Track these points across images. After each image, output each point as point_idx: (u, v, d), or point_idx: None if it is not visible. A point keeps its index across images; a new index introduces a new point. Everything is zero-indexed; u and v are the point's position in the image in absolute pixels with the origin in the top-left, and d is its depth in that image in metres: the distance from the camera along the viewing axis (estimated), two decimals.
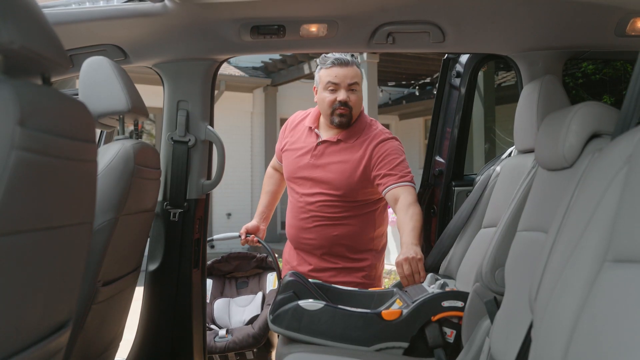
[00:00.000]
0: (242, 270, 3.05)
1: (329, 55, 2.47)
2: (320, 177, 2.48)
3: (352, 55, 2.48)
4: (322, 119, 2.57)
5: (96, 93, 1.81)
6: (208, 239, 2.89)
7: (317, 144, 2.52)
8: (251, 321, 2.73)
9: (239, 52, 2.31)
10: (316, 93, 2.55)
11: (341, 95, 2.43)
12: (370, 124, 2.56)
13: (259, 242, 2.73)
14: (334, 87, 2.44)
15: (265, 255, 2.98)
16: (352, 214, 2.47)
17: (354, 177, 2.43)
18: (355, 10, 1.98)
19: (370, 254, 2.49)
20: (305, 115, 2.65)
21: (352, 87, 2.45)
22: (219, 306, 2.88)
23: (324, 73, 2.48)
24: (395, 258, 2.19)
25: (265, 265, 3.03)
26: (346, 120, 2.47)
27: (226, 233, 2.95)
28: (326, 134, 2.54)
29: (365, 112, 2.65)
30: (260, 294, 2.94)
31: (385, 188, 2.40)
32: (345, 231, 2.46)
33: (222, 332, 2.64)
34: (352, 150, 2.47)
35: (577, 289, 0.89)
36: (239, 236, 2.77)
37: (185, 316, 2.35)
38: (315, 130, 2.55)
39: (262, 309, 2.84)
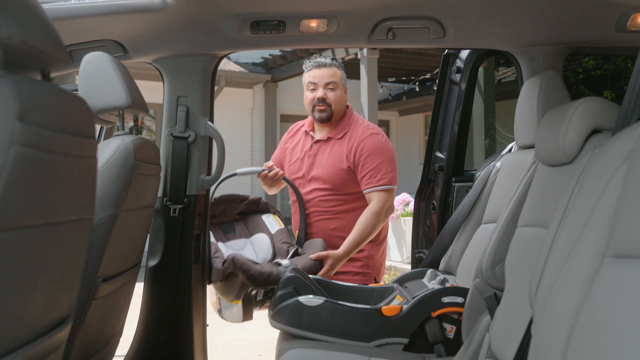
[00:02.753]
0: (225, 216, 2.80)
1: (310, 61, 2.69)
2: (314, 174, 2.66)
3: (333, 59, 2.71)
4: (314, 121, 2.74)
5: (96, 88, 1.80)
6: (231, 173, 2.67)
7: (312, 145, 2.72)
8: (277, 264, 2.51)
9: (238, 48, 2.31)
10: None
11: (319, 93, 2.64)
12: (356, 120, 2.73)
13: (283, 178, 2.68)
14: (313, 86, 2.66)
15: (258, 197, 2.83)
16: (347, 207, 2.63)
17: (341, 171, 2.60)
18: (355, 6, 1.98)
19: (368, 245, 2.61)
20: (303, 123, 2.85)
21: (330, 86, 2.64)
22: (227, 249, 2.63)
23: (305, 76, 2.71)
24: (329, 251, 2.44)
25: (258, 209, 2.82)
26: (326, 115, 2.66)
27: (250, 167, 2.83)
28: (319, 134, 2.73)
29: (366, 108, 2.75)
30: (264, 236, 2.71)
31: (364, 189, 2.59)
32: (342, 224, 2.62)
33: (286, 262, 2.46)
34: (339, 145, 2.66)
35: (578, 284, 0.89)
36: (263, 170, 2.69)
37: (186, 312, 2.36)
38: (311, 132, 2.75)
39: (273, 249, 2.65)
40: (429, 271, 2.20)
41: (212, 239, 2.60)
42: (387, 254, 3.01)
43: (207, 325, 2.55)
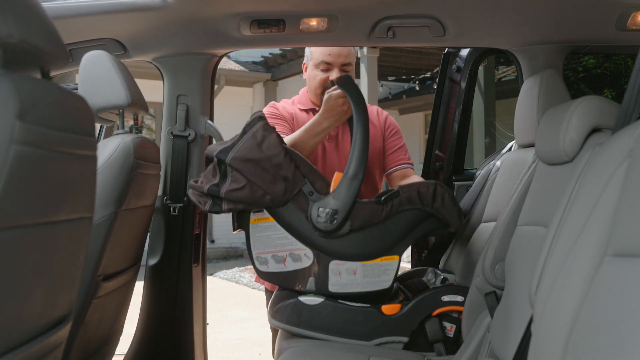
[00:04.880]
0: None
1: None
2: (345, 158, 2.17)
3: None
4: (312, 101, 2.35)
5: (96, 87, 1.80)
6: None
7: None
8: None
9: (238, 47, 2.31)
10: (305, 70, 2.36)
11: (334, 74, 2.24)
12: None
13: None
14: (327, 66, 2.26)
15: None
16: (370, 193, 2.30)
17: (379, 150, 2.30)
18: (355, 4, 1.97)
19: None
20: (287, 104, 2.39)
21: (345, 68, 2.27)
22: None
23: (316, 51, 2.29)
24: None
25: None
26: None
27: None
28: None
29: None
30: None
31: (398, 164, 2.30)
32: None
33: None
34: None
35: (578, 283, 0.89)
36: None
37: (186, 311, 2.36)
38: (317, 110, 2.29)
39: None
40: (429, 270, 2.19)
41: None
42: None
43: (207, 324, 2.55)
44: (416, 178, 2.29)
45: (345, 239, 1.87)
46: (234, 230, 1.98)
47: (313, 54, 2.31)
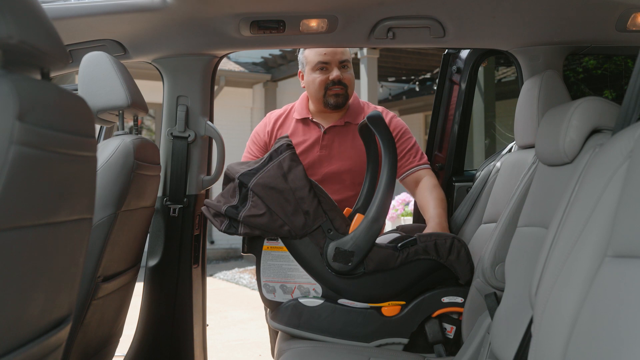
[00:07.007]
0: None
1: None
2: (339, 168, 2.28)
3: None
4: (312, 107, 2.38)
5: (96, 88, 1.80)
6: None
7: (324, 133, 2.33)
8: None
9: (238, 48, 2.31)
10: (302, 78, 2.39)
11: (334, 73, 2.27)
12: (366, 104, 2.47)
13: None
14: (325, 66, 2.29)
15: None
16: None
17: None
18: (355, 5, 1.97)
19: None
20: (286, 111, 2.43)
21: (344, 64, 2.30)
22: None
23: (310, 54, 2.31)
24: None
25: None
26: (342, 100, 2.30)
27: None
28: (326, 121, 2.35)
29: None
30: None
31: (410, 168, 2.31)
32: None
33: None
34: None
35: (578, 284, 0.89)
36: None
37: (186, 312, 2.36)
38: (313, 119, 2.37)
39: None
40: None
41: None
42: None
43: (207, 325, 2.55)
44: (427, 180, 2.30)
45: (357, 280, 1.88)
46: (242, 252, 1.98)
47: (308, 58, 2.33)
